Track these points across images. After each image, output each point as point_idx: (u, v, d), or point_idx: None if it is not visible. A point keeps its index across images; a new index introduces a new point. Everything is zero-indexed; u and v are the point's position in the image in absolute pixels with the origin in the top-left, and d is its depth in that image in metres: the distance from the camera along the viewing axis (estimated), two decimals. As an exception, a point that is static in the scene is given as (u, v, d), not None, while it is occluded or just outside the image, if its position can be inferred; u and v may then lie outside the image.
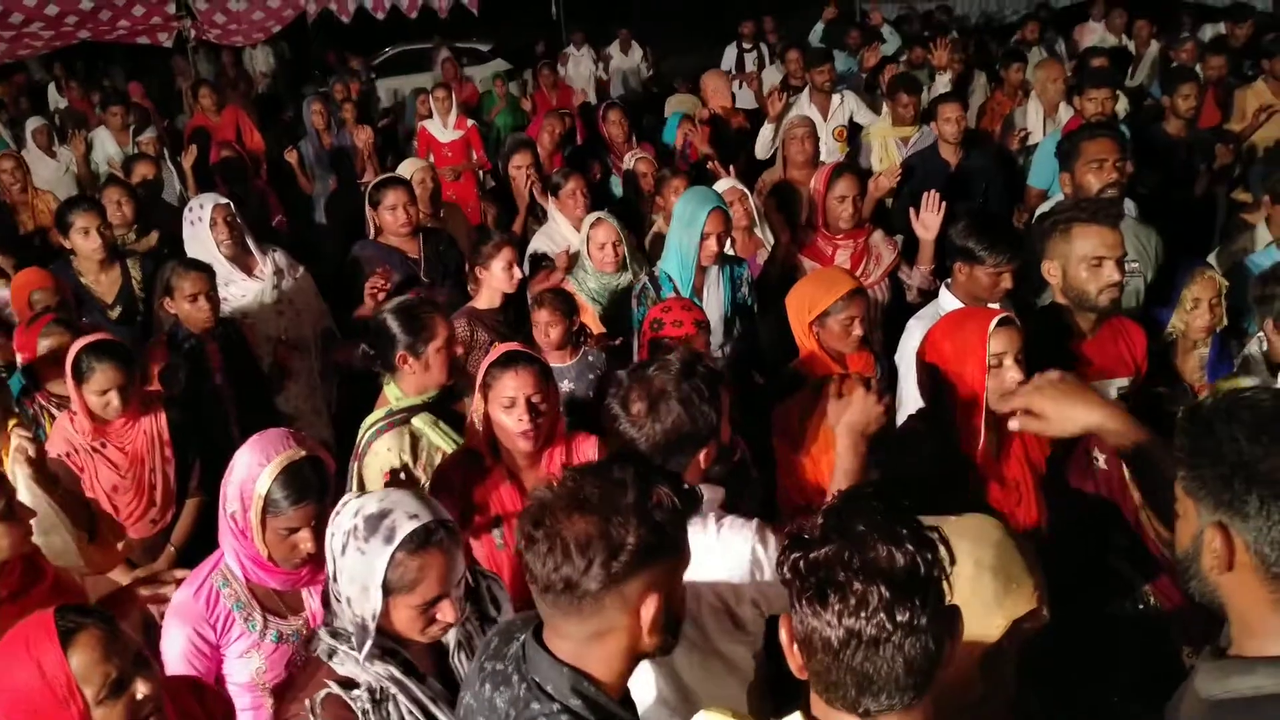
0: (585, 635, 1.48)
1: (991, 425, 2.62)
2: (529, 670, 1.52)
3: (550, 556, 1.43)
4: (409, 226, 4.42)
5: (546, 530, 1.45)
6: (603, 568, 1.42)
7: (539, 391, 2.57)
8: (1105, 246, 2.84)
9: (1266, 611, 1.26)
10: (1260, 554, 1.23)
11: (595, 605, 1.44)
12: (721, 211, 3.78)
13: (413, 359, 2.98)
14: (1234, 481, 1.24)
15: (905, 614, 1.21)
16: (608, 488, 1.46)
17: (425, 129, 7.54)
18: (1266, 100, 6.23)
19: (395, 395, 3.01)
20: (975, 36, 9.35)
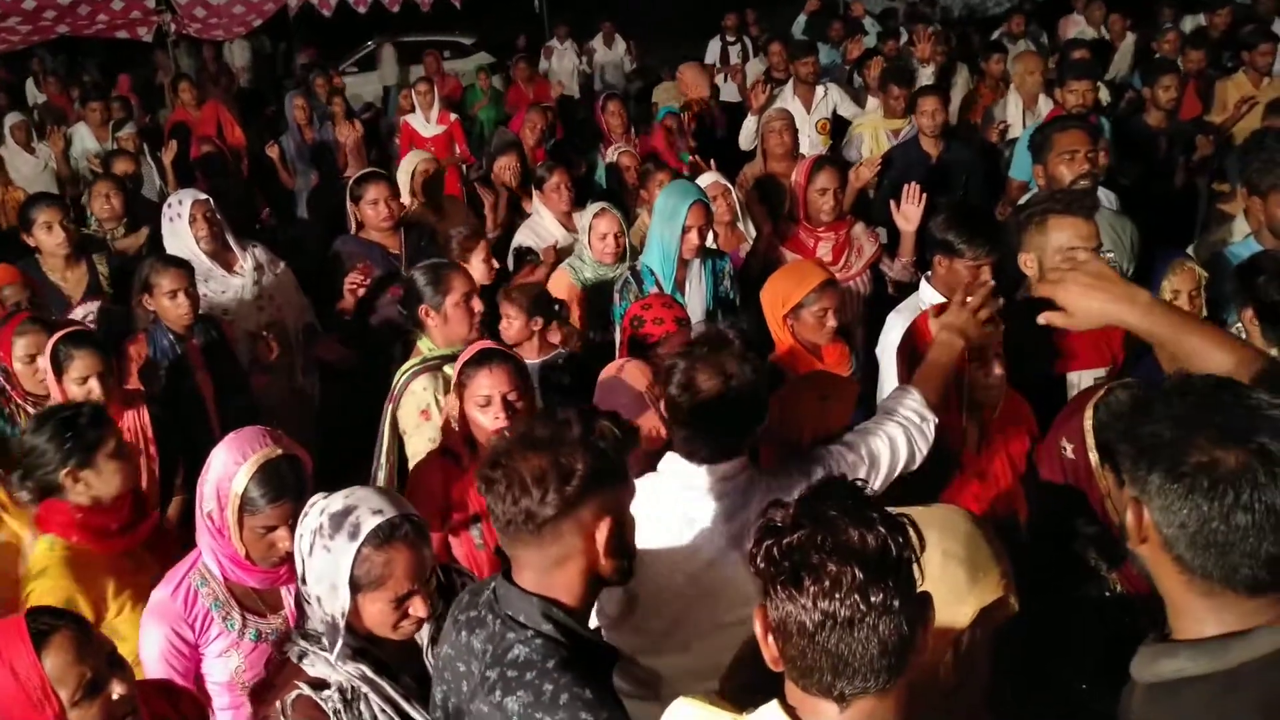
0: (547, 564, 1.61)
1: (973, 420, 2.64)
2: (501, 607, 1.63)
3: (510, 492, 1.56)
4: (390, 221, 4.40)
5: (504, 469, 1.58)
6: (556, 494, 1.55)
7: (515, 389, 2.56)
8: (1080, 238, 2.85)
9: (1184, 592, 1.28)
10: (1167, 535, 1.25)
11: (554, 532, 1.57)
12: (703, 204, 3.78)
13: (434, 312, 3.21)
14: (1140, 460, 1.27)
15: (879, 595, 1.22)
16: (555, 427, 1.61)
17: (408, 123, 7.53)
18: (1247, 91, 6.26)
19: (427, 346, 3.25)
20: (958, 29, 9.35)
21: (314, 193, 7.11)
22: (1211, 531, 1.21)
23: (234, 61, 12.29)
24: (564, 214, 4.86)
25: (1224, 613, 1.26)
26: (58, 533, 2.44)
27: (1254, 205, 3.26)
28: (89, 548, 2.44)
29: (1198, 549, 1.23)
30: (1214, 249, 3.67)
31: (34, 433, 2.51)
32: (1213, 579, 1.25)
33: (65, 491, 2.47)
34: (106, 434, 2.52)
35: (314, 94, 8.54)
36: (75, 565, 2.39)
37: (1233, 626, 1.26)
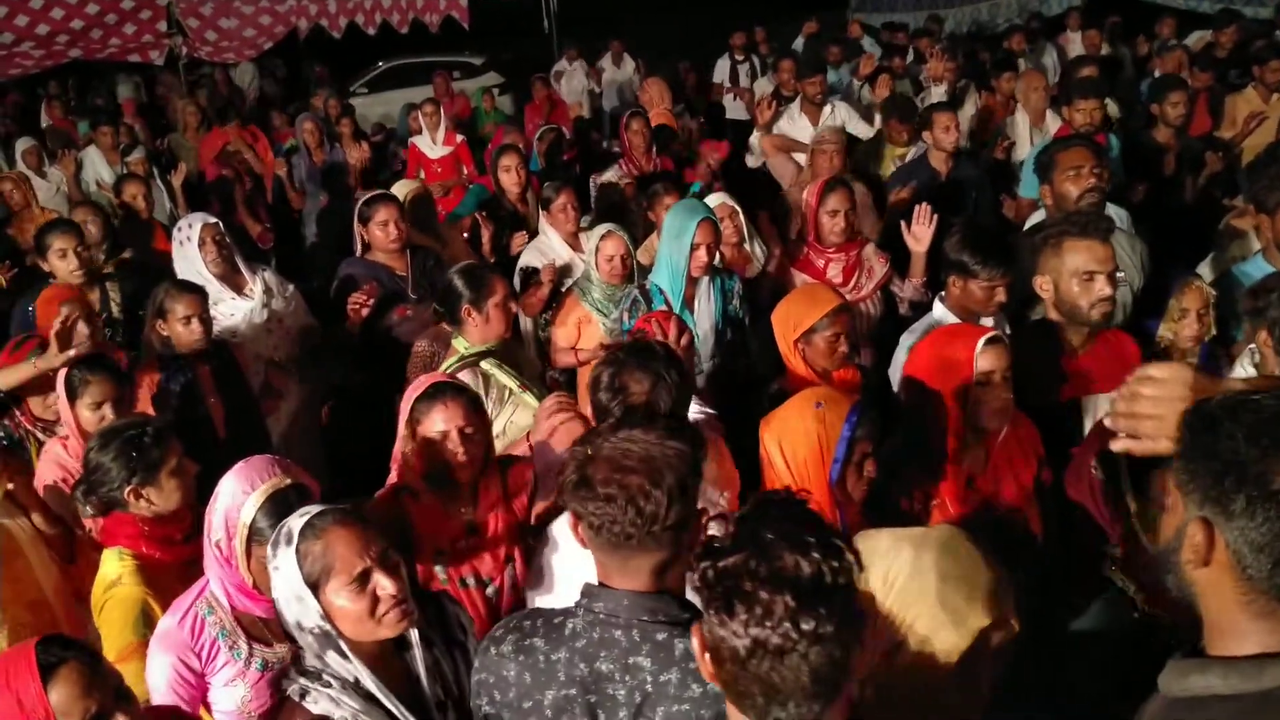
0: (662, 563, 1.63)
1: (978, 441, 2.62)
2: (630, 616, 1.63)
3: (631, 503, 1.57)
4: (398, 243, 4.41)
5: (616, 483, 1.59)
6: (678, 496, 1.59)
7: (470, 422, 2.52)
8: (1096, 261, 2.84)
9: (1235, 612, 1.27)
10: (1238, 554, 1.23)
11: (674, 532, 1.61)
12: (710, 222, 3.78)
13: (475, 312, 3.41)
14: (1225, 479, 1.24)
15: (811, 623, 1.20)
16: (641, 441, 1.64)
17: (415, 144, 7.56)
18: (1257, 107, 6.25)
19: (463, 345, 3.45)
20: (966, 46, 9.35)
21: (323, 214, 7.12)
22: None
23: (245, 83, 12.39)
24: (570, 234, 4.86)
25: (1274, 634, 1.25)
26: (125, 544, 2.50)
27: (1263, 223, 3.24)
28: (157, 556, 2.50)
29: (1275, 567, 1.21)
30: (1225, 266, 3.65)
31: (99, 450, 2.54)
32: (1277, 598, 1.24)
33: (128, 507, 2.52)
34: (169, 452, 2.55)
35: (325, 115, 8.60)
36: (146, 573, 2.45)
37: (1275, 648, 1.25)
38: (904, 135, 5.94)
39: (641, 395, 2.28)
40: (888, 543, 1.75)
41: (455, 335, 3.51)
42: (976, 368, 2.55)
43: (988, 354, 2.56)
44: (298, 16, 11.88)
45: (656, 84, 7.41)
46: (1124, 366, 3.02)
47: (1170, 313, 3.17)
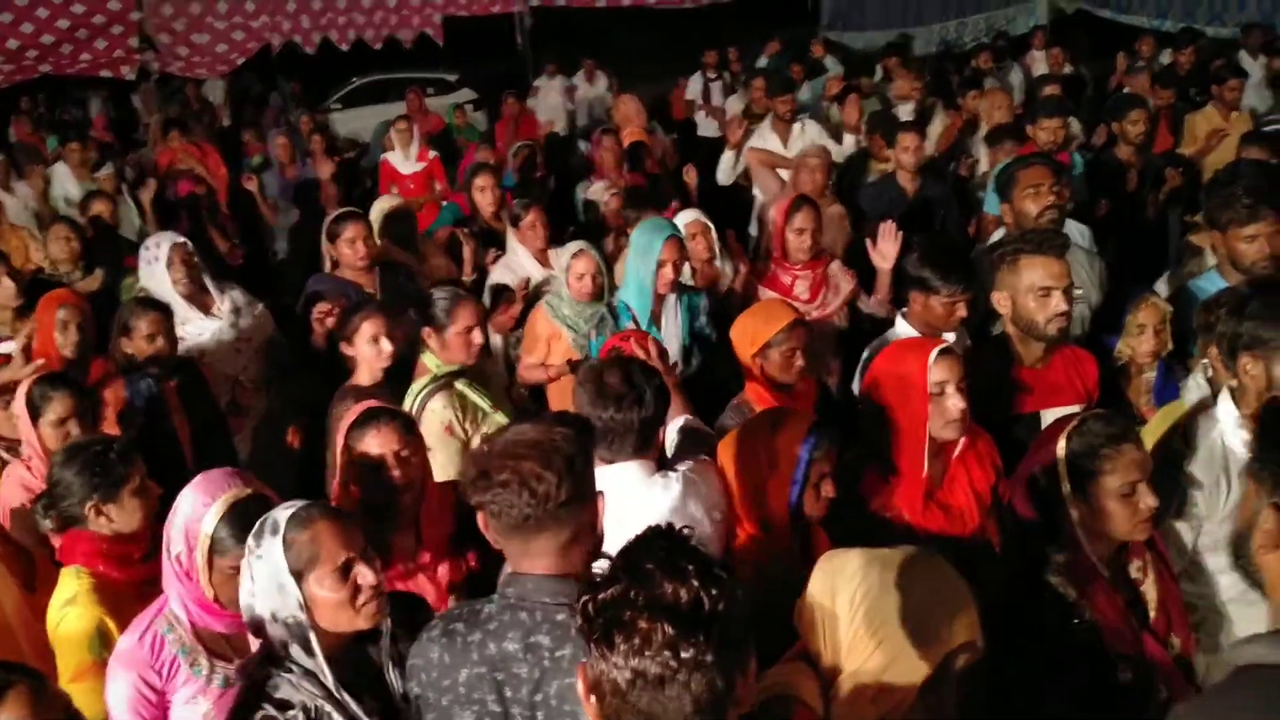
0: (563, 544, 1.74)
1: (935, 453, 2.66)
2: (535, 597, 1.73)
3: (524, 486, 1.68)
4: (367, 260, 4.41)
5: (509, 469, 1.70)
6: (568, 476, 1.70)
7: (405, 445, 2.53)
8: (1052, 277, 2.89)
9: None
10: None
11: (569, 512, 1.71)
12: (676, 240, 3.82)
13: (436, 335, 3.37)
14: None
15: (690, 651, 1.20)
16: (536, 425, 1.78)
17: (387, 161, 7.57)
18: (1217, 124, 6.37)
19: (435, 363, 3.40)
20: (934, 64, 9.48)
21: (295, 230, 7.12)
22: None
23: (214, 99, 12.35)
24: (540, 251, 4.88)
25: None
26: (82, 562, 2.49)
27: (1216, 239, 3.31)
28: (114, 575, 2.49)
29: None
30: (1182, 281, 3.71)
31: (63, 465, 2.54)
32: None
33: (88, 523, 2.51)
34: (133, 471, 2.55)
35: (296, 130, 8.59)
36: (103, 592, 2.43)
37: None
38: (885, 150, 6.00)
39: (619, 387, 2.41)
40: (856, 563, 1.77)
41: (425, 352, 3.49)
42: (930, 379, 2.59)
43: (940, 365, 2.59)
44: (270, 32, 11.88)
45: (629, 101, 7.46)
46: (1084, 381, 3.09)
47: (1128, 328, 3.23)
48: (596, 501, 1.80)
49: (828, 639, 1.71)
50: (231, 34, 11.87)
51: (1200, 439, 2.49)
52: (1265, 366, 2.37)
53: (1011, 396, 2.98)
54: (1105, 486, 2.22)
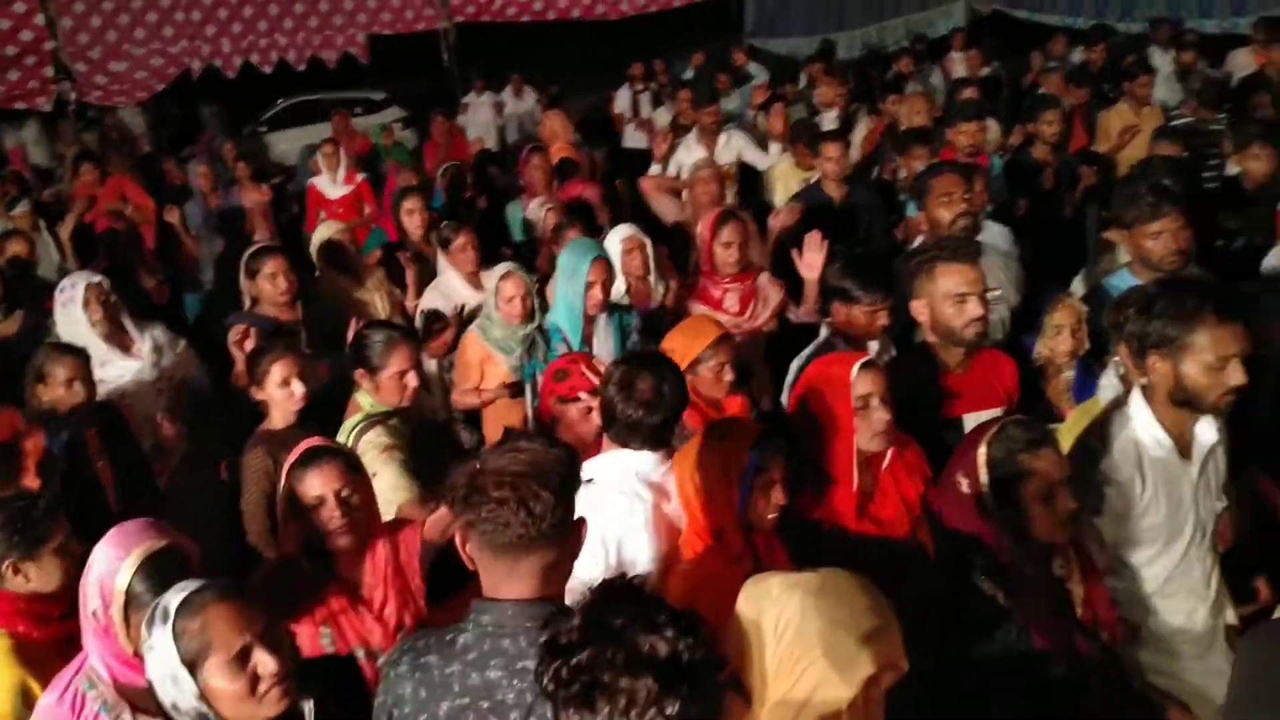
0: (547, 566, 1.74)
1: (864, 465, 2.70)
2: (516, 622, 1.71)
3: (520, 506, 1.67)
4: (289, 294, 4.33)
5: (509, 486, 1.69)
6: (560, 497, 1.71)
7: (348, 484, 2.48)
8: (967, 283, 2.95)
9: None
10: None
11: (558, 534, 1.72)
12: (603, 260, 3.83)
13: (369, 378, 3.31)
14: None
15: (675, 705, 1.22)
16: (528, 445, 1.78)
17: (314, 186, 7.46)
18: (1129, 121, 6.56)
19: (369, 403, 3.34)
20: (857, 69, 9.62)
21: (221, 260, 6.98)
22: None
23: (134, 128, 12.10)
24: (471, 274, 4.86)
25: None
26: (0, 623, 2.40)
27: (1124, 237, 3.40)
28: (33, 634, 2.40)
29: None
30: (1097, 279, 3.81)
31: None
32: None
33: (4, 582, 2.42)
34: (55, 529, 2.46)
35: (220, 158, 8.45)
36: (22, 652, 2.35)
37: None
38: (808, 159, 6.07)
39: (647, 393, 2.58)
40: (779, 588, 1.78)
41: (358, 390, 3.42)
42: (854, 393, 2.62)
43: (863, 378, 2.63)
44: (190, 57, 11.69)
45: (557, 117, 7.46)
46: (1002, 385, 3.15)
47: (1045, 330, 3.30)
48: (581, 527, 1.81)
49: (755, 665, 1.72)
50: (150, 60, 11.66)
51: (1115, 437, 2.56)
52: (1173, 365, 2.44)
53: (935, 403, 3.03)
54: (1025, 490, 2.28)
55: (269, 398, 3.42)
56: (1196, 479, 2.56)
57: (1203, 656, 2.65)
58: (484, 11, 12.36)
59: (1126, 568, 2.59)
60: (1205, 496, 2.59)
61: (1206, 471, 2.59)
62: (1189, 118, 6.47)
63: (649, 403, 2.58)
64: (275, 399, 3.40)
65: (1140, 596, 2.61)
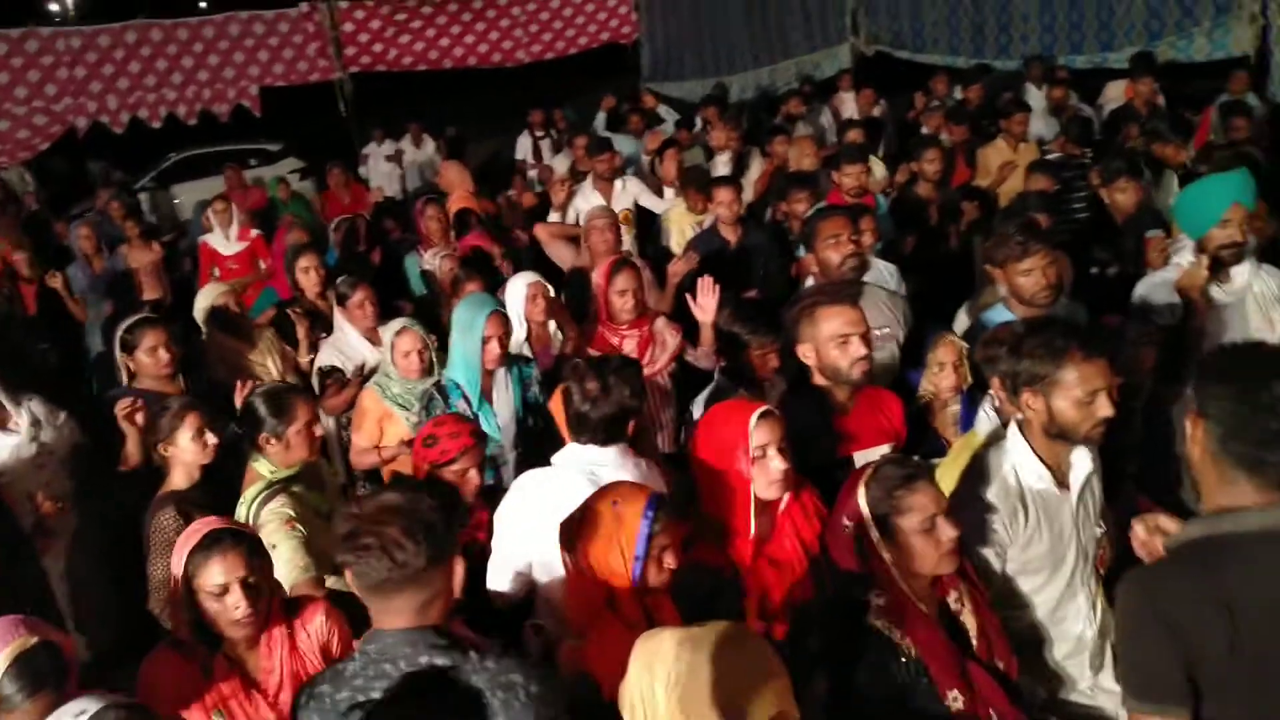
0: (421, 604, 1.94)
1: (761, 510, 2.73)
2: (397, 650, 1.92)
3: (386, 552, 1.88)
4: (170, 367, 4.21)
5: (374, 535, 1.89)
6: (427, 546, 1.91)
7: (252, 570, 2.42)
8: (849, 324, 3.04)
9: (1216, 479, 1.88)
10: (1211, 439, 1.86)
11: (427, 577, 1.93)
12: (499, 314, 3.82)
13: (275, 440, 3.29)
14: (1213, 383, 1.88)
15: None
16: (407, 492, 1.99)
17: (206, 243, 7.30)
18: (1007, 156, 6.85)
19: (268, 469, 3.31)
20: (750, 111, 9.85)
21: (108, 323, 6.76)
22: None
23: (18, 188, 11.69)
24: (369, 330, 4.80)
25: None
26: None
27: (997, 276, 3.54)
28: None
29: None
30: (978, 313, 3.95)
31: None
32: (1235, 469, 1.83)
33: None
34: None
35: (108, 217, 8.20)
36: None
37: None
38: (700, 204, 6.20)
39: (594, 390, 2.88)
40: (669, 645, 1.79)
41: (256, 459, 3.37)
42: (751, 443, 2.65)
43: (761, 429, 2.66)
44: (75, 115, 11.42)
45: (454, 167, 7.45)
46: (890, 422, 3.24)
47: (929, 366, 3.41)
48: (454, 563, 1.98)
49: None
50: (33, 119, 11.34)
51: (995, 471, 2.65)
52: (1045, 401, 2.54)
53: (827, 443, 3.09)
54: (906, 525, 2.35)
55: (178, 454, 3.42)
56: (1076, 507, 2.66)
57: (1094, 678, 2.75)
58: (378, 62, 12.34)
59: (1016, 597, 2.68)
60: (1085, 523, 2.70)
61: (1085, 499, 2.69)
62: (1058, 153, 6.79)
63: (595, 398, 2.87)
64: (188, 454, 3.42)
65: (1031, 624, 2.70)
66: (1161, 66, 8.92)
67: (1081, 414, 2.50)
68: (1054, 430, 2.55)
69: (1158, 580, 1.90)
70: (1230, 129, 6.69)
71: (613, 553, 2.45)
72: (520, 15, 13.02)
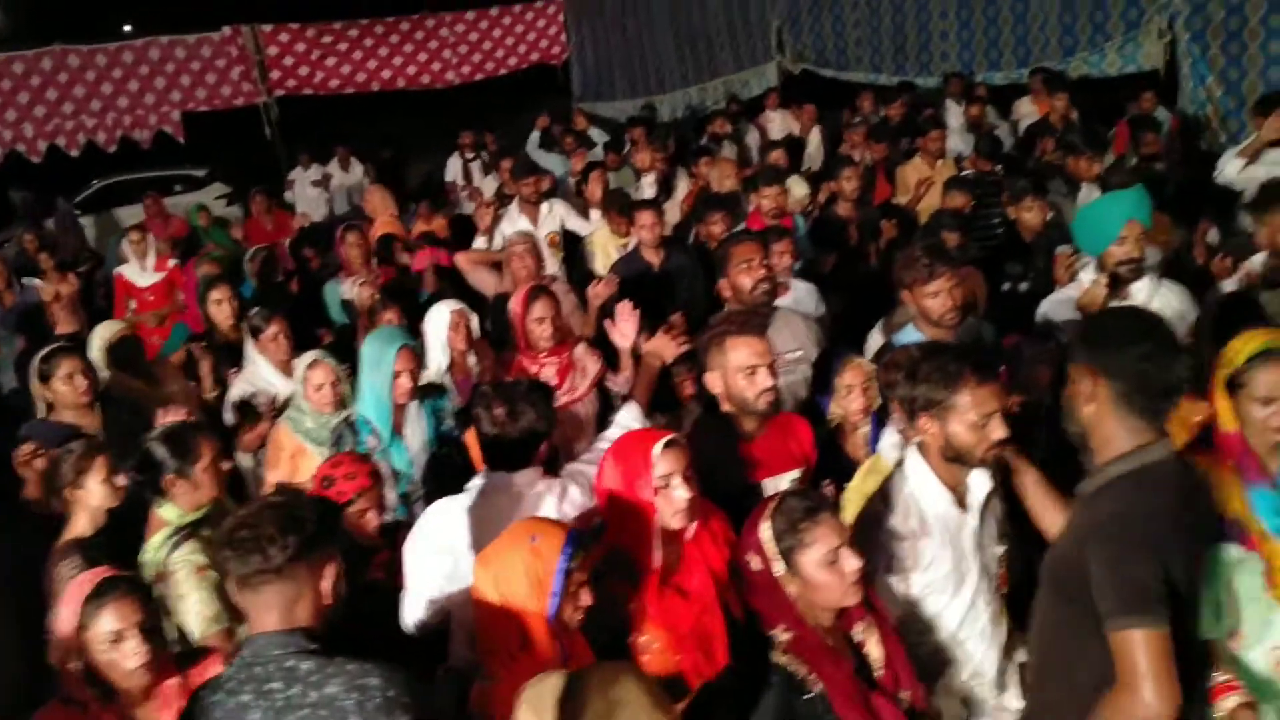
0: (287, 602, 2.07)
1: (669, 540, 2.72)
2: (266, 650, 2.05)
3: (255, 545, 2.03)
4: (89, 395, 4.12)
5: (248, 528, 2.05)
6: (291, 545, 2.05)
7: (148, 615, 2.41)
8: (756, 355, 3.05)
9: (1116, 425, 2.24)
10: (1118, 394, 2.21)
11: (290, 574, 2.06)
12: (409, 349, 3.78)
13: (182, 481, 3.19)
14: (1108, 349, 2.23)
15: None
16: (290, 495, 2.18)
17: (121, 275, 7.13)
18: (924, 174, 6.95)
19: (175, 514, 3.20)
20: (675, 133, 9.89)
21: (21, 358, 6.55)
22: None
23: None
24: (283, 363, 4.71)
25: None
26: None
27: (906, 297, 3.58)
28: None
29: None
30: (890, 334, 3.99)
31: None
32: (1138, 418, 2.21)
33: None
34: None
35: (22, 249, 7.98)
36: None
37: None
38: (623, 227, 6.20)
39: (501, 415, 2.92)
40: (554, 689, 1.77)
41: (160, 504, 3.25)
42: (655, 472, 2.64)
43: (665, 458, 2.65)
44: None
45: (376, 192, 7.37)
46: (800, 447, 3.25)
47: (837, 390, 3.43)
48: (327, 567, 2.11)
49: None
50: (-56, 151, 11.03)
51: (897, 495, 2.67)
52: (941, 425, 2.57)
53: (736, 470, 3.10)
54: (810, 558, 2.35)
55: (84, 498, 3.33)
56: (977, 527, 2.69)
57: (998, 698, 2.78)
58: (304, 85, 12.21)
59: (920, 621, 2.69)
60: (986, 543, 2.73)
61: (985, 519, 2.73)
62: (970, 170, 6.92)
63: (502, 423, 2.90)
64: (95, 498, 3.33)
65: (936, 646, 2.72)
66: (1077, 81, 9.18)
67: (976, 437, 2.54)
68: (950, 453, 2.58)
69: (1126, 501, 2.17)
70: (1140, 144, 6.88)
71: (529, 589, 2.43)
72: (449, 37, 12.99)
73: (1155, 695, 2.02)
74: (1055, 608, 2.39)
